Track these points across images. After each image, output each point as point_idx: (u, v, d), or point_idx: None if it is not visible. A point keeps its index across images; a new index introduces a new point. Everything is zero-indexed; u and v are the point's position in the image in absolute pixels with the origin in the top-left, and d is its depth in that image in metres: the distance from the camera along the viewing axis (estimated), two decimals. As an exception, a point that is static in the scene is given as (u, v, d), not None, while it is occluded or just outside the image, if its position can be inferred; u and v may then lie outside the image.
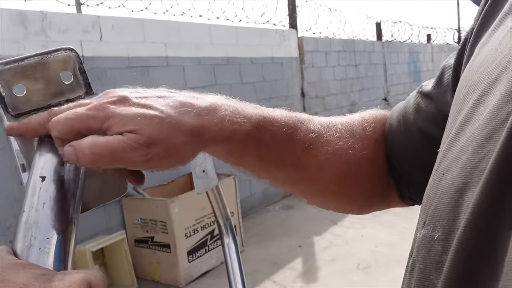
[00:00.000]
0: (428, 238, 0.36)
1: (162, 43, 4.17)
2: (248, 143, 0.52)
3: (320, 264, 3.63)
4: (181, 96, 0.49)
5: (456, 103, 0.43)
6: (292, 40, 5.98)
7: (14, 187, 3.02)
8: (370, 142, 0.62)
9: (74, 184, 0.42)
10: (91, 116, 0.44)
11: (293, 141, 0.55)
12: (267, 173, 0.59)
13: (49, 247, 0.35)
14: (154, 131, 0.44)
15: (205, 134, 0.47)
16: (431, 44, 10.73)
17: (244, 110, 0.52)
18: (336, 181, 0.60)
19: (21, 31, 3.12)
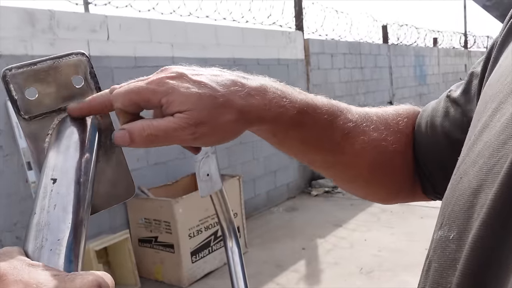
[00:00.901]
0: (444, 238, 0.38)
1: (169, 43, 4.18)
2: (292, 125, 0.55)
3: (323, 267, 3.62)
4: (232, 75, 0.52)
5: (478, 112, 0.44)
6: (298, 41, 5.98)
7: (20, 185, 3.04)
8: (402, 136, 0.65)
9: (84, 186, 0.42)
10: (151, 90, 0.47)
11: (333, 128, 0.59)
12: (306, 155, 0.63)
13: (60, 249, 0.35)
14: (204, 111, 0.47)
15: (253, 113, 0.51)
16: (437, 47, 10.70)
17: (290, 94, 0.55)
18: (369, 168, 0.63)
19: (29, 30, 3.14)
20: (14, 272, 0.31)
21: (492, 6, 1.68)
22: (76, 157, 0.44)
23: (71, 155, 0.44)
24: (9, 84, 0.45)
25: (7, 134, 2.99)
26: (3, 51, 2.99)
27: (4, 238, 2.97)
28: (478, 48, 13.57)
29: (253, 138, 5.19)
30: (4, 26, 3.01)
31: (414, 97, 9.48)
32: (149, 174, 3.85)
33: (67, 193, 0.40)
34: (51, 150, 0.45)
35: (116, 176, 0.54)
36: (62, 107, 0.48)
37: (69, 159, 0.43)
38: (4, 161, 2.98)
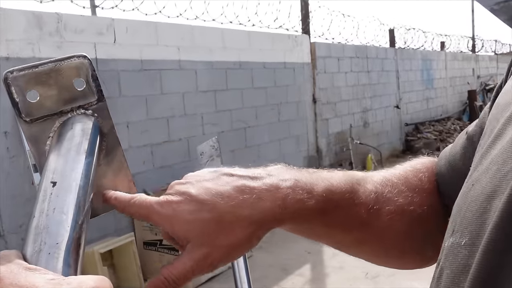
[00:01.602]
0: (456, 245, 0.37)
1: (175, 46, 4.19)
2: (313, 216, 0.53)
3: (328, 271, 3.61)
4: (240, 180, 0.50)
5: (490, 122, 0.44)
6: (305, 45, 5.98)
7: (26, 187, 3.05)
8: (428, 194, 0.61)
9: (84, 190, 0.42)
10: (157, 212, 0.49)
11: (355, 205, 0.56)
12: (332, 238, 0.59)
13: (58, 252, 0.35)
14: (212, 236, 0.47)
15: (267, 219, 0.49)
16: (444, 51, 10.66)
17: (305, 183, 0.52)
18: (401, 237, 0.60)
19: (36, 33, 3.16)
20: (10, 276, 0.31)
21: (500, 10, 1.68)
22: (77, 160, 0.43)
23: (71, 158, 0.44)
24: (11, 87, 0.45)
25: (14, 136, 3.01)
26: (10, 53, 3.01)
27: (10, 240, 2.98)
28: (486, 52, 13.51)
29: (258, 141, 5.19)
30: (12, 29, 3.03)
31: (421, 101, 9.45)
32: (154, 177, 3.85)
33: (66, 197, 0.39)
34: (52, 153, 0.45)
35: (117, 179, 0.53)
36: (64, 110, 0.48)
37: (70, 162, 0.43)
38: (11, 163, 3.00)
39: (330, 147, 6.51)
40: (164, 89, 4.09)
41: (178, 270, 0.47)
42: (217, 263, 0.48)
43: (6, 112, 2.97)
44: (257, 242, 0.50)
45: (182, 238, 0.49)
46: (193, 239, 0.48)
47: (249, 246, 0.50)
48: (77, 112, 0.48)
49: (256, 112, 5.16)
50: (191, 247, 0.48)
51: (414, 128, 9.03)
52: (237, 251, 0.49)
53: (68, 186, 0.40)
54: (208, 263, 0.48)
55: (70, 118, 0.48)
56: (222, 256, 0.48)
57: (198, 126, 4.45)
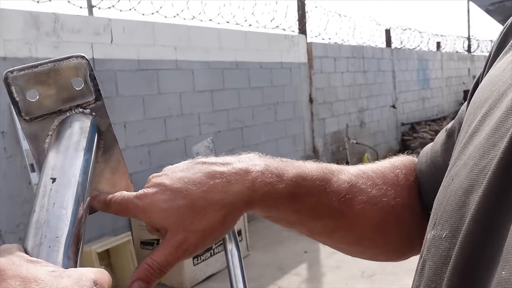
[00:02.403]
0: (437, 237, 0.39)
1: (172, 46, 4.20)
2: (283, 200, 0.54)
3: (325, 270, 3.62)
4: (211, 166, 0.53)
5: (468, 118, 0.46)
6: (301, 45, 5.99)
7: (23, 187, 3.05)
8: (403, 189, 0.62)
9: (83, 186, 0.43)
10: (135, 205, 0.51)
11: (327, 193, 0.57)
12: (303, 225, 0.60)
13: (58, 246, 0.36)
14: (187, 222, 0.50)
15: (237, 201, 0.51)
16: (440, 51, 10.70)
17: (276, 168, 0.54)
18: (373, 228, 0.61)
19: (33, 33, 3.16)
20: (12, 268, 0.32)
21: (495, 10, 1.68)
22: (76, 157, 0.45)
23: (70, 155, 0.45)
24: (11, 86, 0.46)
25: (11, 136, 3.01)
26: (7, 53, 3.01)
27: (7, 240, 2.98)
28: (482, 52, 13.55)
29: (255, 141, 5.20)
30: (9, 29, 3.03)
31: (417, 101, 9.48)
32: (151, 177, 3.85)
33: (66, 192, 0.41)
34: (51, 151, 0.46)
35: (115, 177, 0.55)
36: (62, 109, 0.49)
37: (69, 159, 0.44)
38: (8, 163, 3.00)
39: (327, 146, 6.52)
40: (161, 89, 4.10)
41: (159, 257, 0.49)
42: (194, 248, 0.50)
43: (3, 113, 2.98)
44: (231, 225, 0.52)
45: (160, 227, 0.51)
46: (170, 226, 0.50)
47: (223, 229, 0.52)
48: (75, 111, 0.50)
49: (253, 112, 5.17)
50: (169, 234, 0.50)
51: (410, 127, 9.06)
52: (212, 235, 0.51)
53: (67, 182, 0.42)
54: (184, 248, 0.50)
55: (69, 116, 0.49)
56: (198, 240, 0.50)
57: (195, 126, 4.46)
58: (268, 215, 0.57)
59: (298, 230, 0.61)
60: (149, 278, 0.49)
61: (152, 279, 0.49)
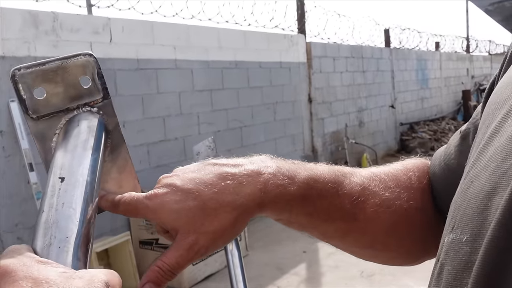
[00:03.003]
0: (457, 241, 0.38)
1: (171, 45, 4.19)
2: (295, 202, 0.53)
3: (324, 270, 3.62)
4: (222, 167, 0.52)
5: (485, 119, 0.45)
6: (301, 45, 5.99)
7: (22, 187, 3.04)
8: (416, 192, 0.61)
9: (91, 186, 0.43)
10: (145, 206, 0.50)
11: (339, 196, 0.56)
12: (316, 228, 0.59)
13: (68, 246, 0.36)
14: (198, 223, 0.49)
15: (249, 203, 0.50)
16: (439, 51, 10.71)
17: (288, 170, 0.54)
18: (385, 231, 0.60)
19: (32, 31, 3.15)
20: (23, 269, 0.32)
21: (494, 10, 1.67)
22: (84, 157, 0.44)
23: (78, 154, 0.44)
24: (18, 84, 0.45)
25: (10, 135, 3.00)
26: (6, 52, 3.00)
27: (6, 239, 2.97)
28: (480, 52, 13.57)
29: (254, 141, 5.19)
30: (7, 28, 3.02)
31: (416, 101, 9.48)
32: (150, 176, 3.84)
33: (75, 192, 0.40)
34: (58, 150, 0.45)
35: (122, 176, 0.54)
36: (70, 107, 0.48)
37: (77, 158, 0.44)
38: (6, 162, 2.99)
39: (326, 146, 6.52)
40: (160, 88, 4.09)
41: (169, 259, 0.49)
42: (205, 250, 0.50)
43: (1, 111, 2.96)
44: (242, 227, 0.51)
45: (171, 229, 0.50)
46: (181, 228, 0.49)
47: (234, 231, 0.51)
48: (83, 109, 0.49)
49: (252, 112, 5.17)
50: (179, 235, 0.49)
51: (409, 127, 9.06)
52: (223, 237, 0.50)
53: (76, 182, 0.41)
54: (195, 250, 0.49)
55: (76, 115, 0.49)
56: (209, 242, 0.49)
57: (194, 126, 4.45)
58: (280, 218, 0.56)
59: (311, 233, 0.60)
60: (159, 280, 0.48)
61: (162, 281, 0.49)
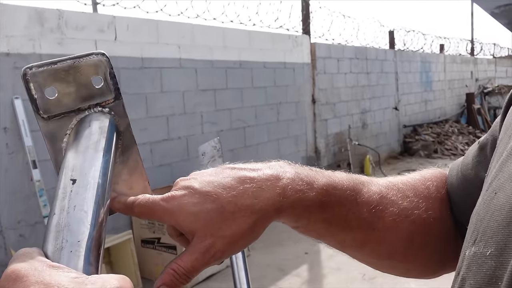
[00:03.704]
0: (480, 255, 0.36)
1: (176, 45, 4.19)
2: (313, 209, 0.53)
3: (326, 272, 3.61)
4: (241, 171, 0.52)
5: (506, 129, 0.44)
6: (305, 45, 5.98)
7: (25, 184, 3.04)
8: (435, 202, 0.60)
9: (103, 188, 0.42)
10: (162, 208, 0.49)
11: (357, 204, 0.56)
12: (333, 236, 0.58)
13: (80, 250, 0.35)
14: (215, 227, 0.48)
15: (268, 207, 0.50)
16: (443, 54, 10.68)
17: (306, 176, 0.53)
18: (404, 241, 0.59)
19: (37, 29, 3.15)
20: (35, 274, 0.31)
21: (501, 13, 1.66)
22: (95, 158, 0.43)
23: (90, 155, 0.44)
24: (29, 83, 0.45)
25: (13, 132, 3.00)
26: (10, 49, 3.00)
27: (8, 236, 2.97)
28: (485, 55, 13.54)
29: (257, 141, 5.19)
30: (13, 25, 3.02)
31: (420, 103, 9.46)
32: (153, 175, 3.84)
33: (86, 194, 0.39)
34: (69, 150, 0.45)
35: (132, 178, 0.53)
36: (81, 107, 0.48)
37: (88, 160, 0.43)
38: (9, 159, 2.99)
39: (329, 147, 6.51)
40: (164, 87, 4.09)
41: (185, 262, 0.48)
42: (221, 254, 0.49)
43: (5, 108, 2.96)
44: (260, 233, 0.51)
45: (187, 231, 0.49)
46: (198, 231, 0.48)
47: (252, 236, 0.50)
48: (94, 109, 0.48)
49: (256, 112, 5.16)
50: (196, 238, 0.48)
51: (412, 130, 9.04)
52: (241, 241, 0.49)
53: (88, 184, 0.40)
54: (211, 254, 0.48)
55: (88, 115, 0.48)
56: (226, 246, 0.49)
57: (197, 125, 4.45)
58: (297, 225, 0.55)
59: (328, 243, 0.59)
60: (174, 284, 0.48)
61: (177, 284, 0.48)
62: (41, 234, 3.07)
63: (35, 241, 3.08)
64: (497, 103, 12.27)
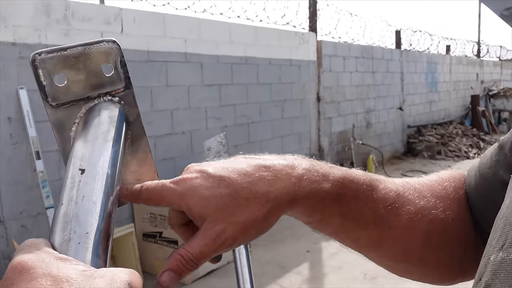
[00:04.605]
0: (509, 261, 0.35)
1: (182, 38, 4.17)
2: (328, 201, 0.51)
3: (327, 270, 3.60)
4: (256, 160, 0.51)
5: None
6: (311, 43, 5.95)
7: (28, 174, 3.04)
8: (453, 202, 0.59)
9: (112, 178, 0.41)
10: (171, 189, 0.47)
11: (374, 199, 0.54)
12: (348, 233, 0.56)
13: (88, 242, 0.34)
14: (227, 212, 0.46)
15: (283, 196, 0.48)
16: (450, 55, 10.64)
17: (322, 168, 0.52)
18: (421, 241, 0.57)
19: (43, 19, 3.14)
20: (42, 265, 0.30)
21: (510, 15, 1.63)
22: (104, 148, 0.42)
23: (99, 145, 0.42)
24: (38, 69, 0.43)
25: (18, 122, 2.99)
26: (17, 39, 2.99)
27: (10, 226, 2.97)
28: (491, 57, 13.48)
29: (261, 137, 5.17)
30: (19, 15, 3.01)
31: (425, 104, 9.43)
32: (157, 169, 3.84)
33: (95, 185, 0.38)
34: (78, 140, 0.43)
35: (141, 170, 0.52)
36: (91, 96, 0.46)
37: (97, 150, 0.42)
38: (13, 149, 2.98)
39: (332, 146, 6.50)
40: (170, 81, 4.08)
41: (193, 248, 0.46)
42: (232, 241, 0.47)
43: (10, 98, 2.96)
44: (273, 222, 0.49)
45: (197, 216, 0.47)
46: (209, 216, 0.46)
47: (265, 225, 0.48)
48: (104, 98, 0.47)
49: (260, 108, 5.15)
50: (206, 224, 0.46)
51: (416, 130, 9.02)
52: (253, 229, 0.47)
53: (97, 174, 0.39)
54: (222, 240, 0.46)
55: (97, 104, 0.47)
56: (237, 233, 0.47)
57: (201, 120, 4.43)
58: (310, 220, 0.53)
59: (342, 240, 0.57)
60: (180, 270, 0.46)
61: (184, 270, 0.46)
62: (43, 225, 3.07)
63: (37, 232, 3.08)
64: (502, 105, 12.23)
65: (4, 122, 2.95)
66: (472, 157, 8.43)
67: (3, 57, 2.92)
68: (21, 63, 2.98)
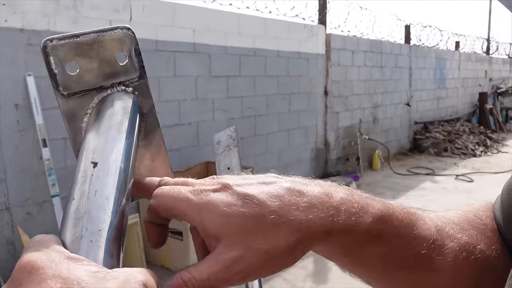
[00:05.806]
0: None
1: (191, 28, 4.14)
2: (367, 240, 0.43)
3: (331, 265, 3.58)
4: (288, 182, 0.42)
5: None
6: (320, 36, 5.90)
7: (34, 162, 3.03)
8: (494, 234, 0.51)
9: (125, 173, 0.38)
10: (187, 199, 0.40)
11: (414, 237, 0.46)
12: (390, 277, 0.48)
13: (100, 240, 0.32)
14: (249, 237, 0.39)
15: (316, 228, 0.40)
16: (459, 51, 10.54)
17: (360, 197, 0.44)
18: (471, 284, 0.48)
19: (52, 6, 3.11)
20: (52, 266, 0.28)
21: (525, 12, 1.62)
22: (118, 140, 0.40)
23: (112, 137, 0.40)
24: (49, 56, 0.41)
25: (25, 110, 2.98)
26: (25, 25, 2.97)
27: (15, 213, 2.97)
28: (500, 55, 13.35)
29: (268, 130, 5.15)
30: (28, 1, 2.98)
31: (432, 100, 9.37)
32: (162, 160, 3.83)
33: (108, 179, 0.36)
34: (90, 131, 0.41)
35: (154, 164, 0.50)
36: (104, 85, 0.44)
37: (110, 142, 0.40)
38: (20, 136, 2.98)
39: (339, 140, 6.46)
40: (177, 72, 4.05)
41: (200, 274, 0.38)
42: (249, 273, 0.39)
43: (17, 84, 2.94)
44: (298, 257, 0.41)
45: (211, 236, 0.39)
46: (226, 237, 0.39)
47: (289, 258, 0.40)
48: (117, 88, 0.45)
49: (267, 101, 5.12)
50: (221, 247, 0.39)
51: (423, 127, 8.97)
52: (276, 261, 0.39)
53: (110, 168, 0.37)
54: (237, 270, 0.38)
55: (110, 94, 0.44)
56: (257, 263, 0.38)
57: (208, 111, 4.41)
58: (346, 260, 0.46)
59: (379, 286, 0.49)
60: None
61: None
62: (48, 213, 3.07)
63: (42, 220, 3.08)
64: (510, 103, 12.13)
65: (11, 109, 2.94)
66: (478, 155, 8.37)
67: (11, 44, 2.90)
68: (29, 49, 2.96)
